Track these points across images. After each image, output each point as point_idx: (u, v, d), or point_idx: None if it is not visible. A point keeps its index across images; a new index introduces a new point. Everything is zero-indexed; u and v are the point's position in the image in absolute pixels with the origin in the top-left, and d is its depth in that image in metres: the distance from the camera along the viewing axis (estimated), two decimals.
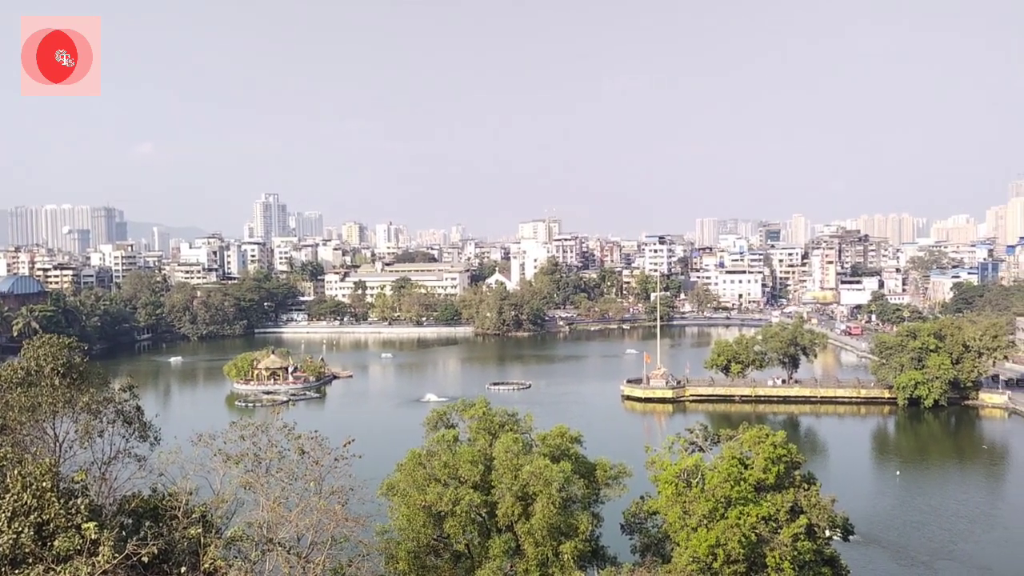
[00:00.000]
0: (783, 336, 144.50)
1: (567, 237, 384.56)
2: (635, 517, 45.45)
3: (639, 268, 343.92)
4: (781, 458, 43.13)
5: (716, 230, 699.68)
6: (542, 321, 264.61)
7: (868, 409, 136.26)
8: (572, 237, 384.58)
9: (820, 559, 41.07)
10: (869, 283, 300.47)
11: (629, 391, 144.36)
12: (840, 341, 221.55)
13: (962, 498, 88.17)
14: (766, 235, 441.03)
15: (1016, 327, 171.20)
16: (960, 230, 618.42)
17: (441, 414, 45.33)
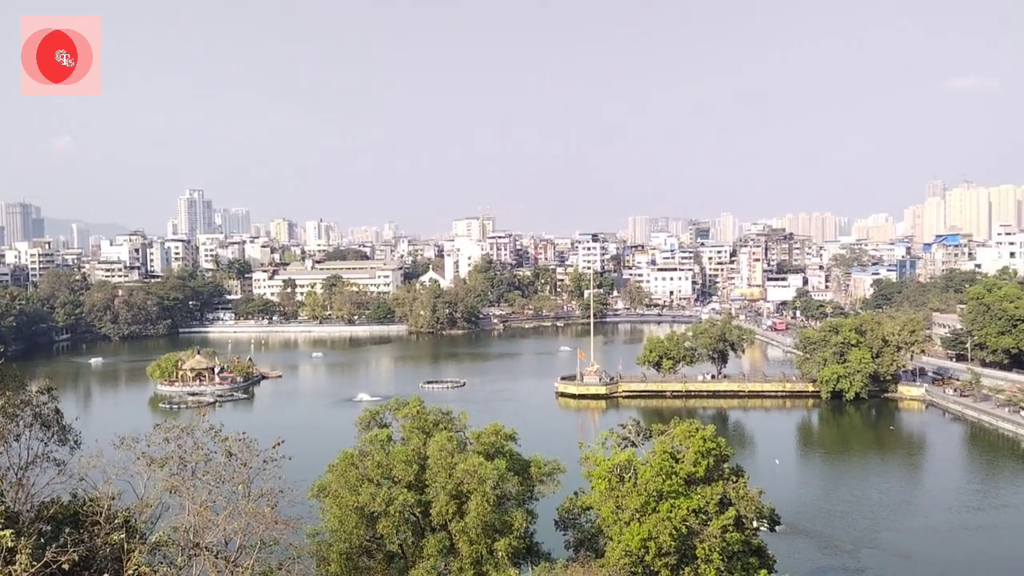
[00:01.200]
0: (712, 332, 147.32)
1: (501, 235, 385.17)
2: (569, 513, 45.72)
3: (573, 266, 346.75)
4: (711, 452, 43.90)
5: (648, 228, 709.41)
6: (476, 319, 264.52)
7: (793, 402, 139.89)
8: (506, 235, 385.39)
9: (748, 549, 41.94)
10: (794, 280, 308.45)
11: (563, 388, 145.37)
12: (767, 337, 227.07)
13: (883, 487, 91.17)
14: (696, 233, 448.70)
15: (932, 322, 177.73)
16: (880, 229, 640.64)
17: (374, 414, 44.85)
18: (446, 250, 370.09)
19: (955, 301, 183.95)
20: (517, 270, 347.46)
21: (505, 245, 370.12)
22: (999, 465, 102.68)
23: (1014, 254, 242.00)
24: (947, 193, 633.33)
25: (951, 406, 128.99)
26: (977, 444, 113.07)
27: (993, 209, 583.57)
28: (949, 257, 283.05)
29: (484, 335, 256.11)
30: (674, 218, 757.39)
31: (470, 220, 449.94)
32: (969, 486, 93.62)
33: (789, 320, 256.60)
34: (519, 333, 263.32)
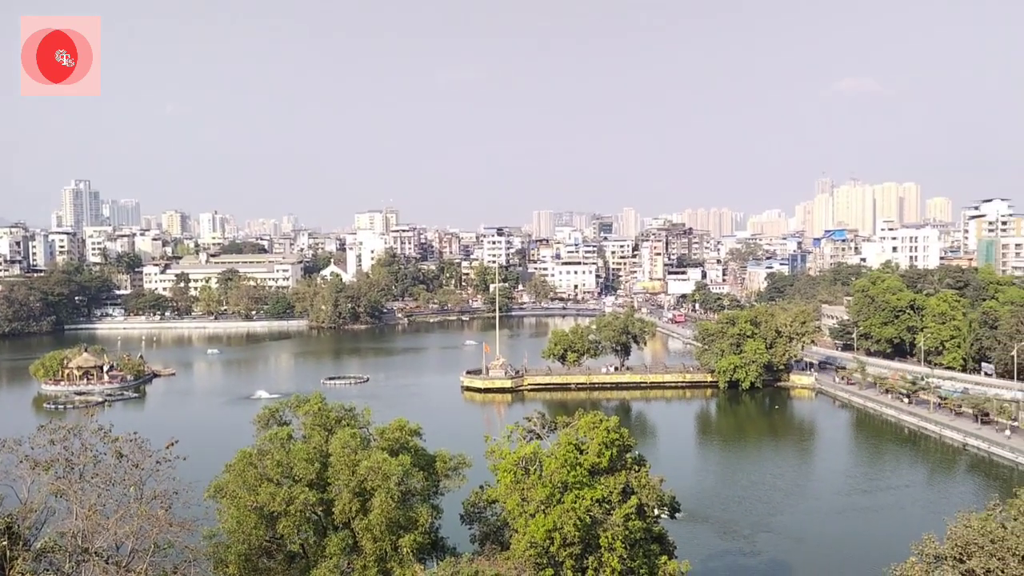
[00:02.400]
0: (615, 325, 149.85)
1: (405, 228, 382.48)
2: (474, 506, 45.58)
3: (478, 259, 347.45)
4: (614, 442, 44.40)
5: (552, 222, 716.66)
6: (380, 313, 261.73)
7: (693, 392, 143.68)
8: (410, 228, 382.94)
9: (649, 537, 42.62)
10: (693, 273, 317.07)
11: (469, 382, 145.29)
12: (667, 329, 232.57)
13: (777, 472, 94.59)
14: (599, 228, 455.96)
15: (821, 314, 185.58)
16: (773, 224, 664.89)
17: (273, 411, 43.73)
18: (348, 244, 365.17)
19: (842, 293, 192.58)
20: (422, 264, 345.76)
21: (409, 239, 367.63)
22: (883, 449, 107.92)
23: (896, 248, 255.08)
24: (835, 190, 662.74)
25: (839, 394, 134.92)
26: (863, 429, 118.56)
27: (877, 205, 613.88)
28: (837, 251, 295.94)
29: (388, 330, 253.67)
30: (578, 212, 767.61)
31: (373, 213, 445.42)
32: (856, 469, 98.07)
33: (688, 313, 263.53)
34: (424, 327, 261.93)
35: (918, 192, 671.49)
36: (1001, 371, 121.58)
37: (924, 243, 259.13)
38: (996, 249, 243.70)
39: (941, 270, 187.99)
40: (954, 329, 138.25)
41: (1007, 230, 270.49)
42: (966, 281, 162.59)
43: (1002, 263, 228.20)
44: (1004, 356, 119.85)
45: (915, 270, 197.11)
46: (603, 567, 39.11)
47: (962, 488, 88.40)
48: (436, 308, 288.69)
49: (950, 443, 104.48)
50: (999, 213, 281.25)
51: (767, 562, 65.27)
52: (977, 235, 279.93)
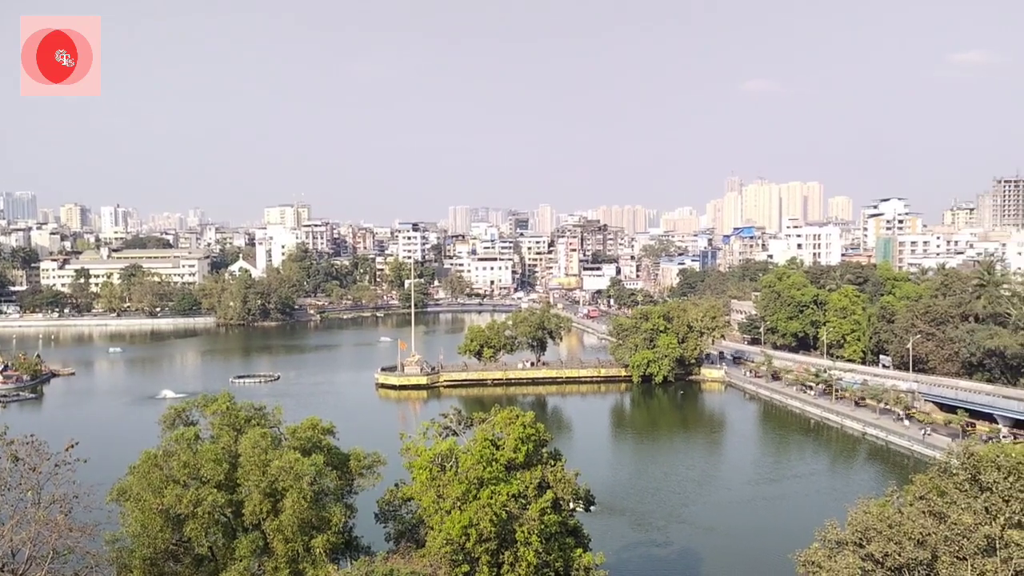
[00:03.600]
0: (532, 321, 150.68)
1: (317, 223, 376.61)
2: (389, 505, 45.14)
3: (393, 255, 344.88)
4: (530, 437, 44.56)
5: (468, 218, 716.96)
6: (291, 310, 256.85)
7: (607, 387, 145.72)
8: (323, 223, 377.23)
9: (565, 530, 42.96)
10: (608, 270, 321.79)
11: (384, 379, 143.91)
12: (583, 324, 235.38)
13: (689, 464, 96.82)
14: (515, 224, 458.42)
15: (731, 309, 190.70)
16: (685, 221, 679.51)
17: (179, 411, 42.57)
18: (258, 238, 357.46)
19: (750, 289, 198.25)
20: (335, 259, 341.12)
21: (322, 234, 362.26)
22: (789, 439, 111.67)
23: (800, 245, 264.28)
24: (744, 189, 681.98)
25: (747, 386, 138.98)
26: (770, 420, 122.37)
27: (783, 204, 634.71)
28: (745, 248, 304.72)
29: (300, 327, 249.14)
30: (495, 208, 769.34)
31: (284, 207, 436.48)
32: (764, 459, 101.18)
33: (603, 308, 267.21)
34: (337, 324, 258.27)
35: (821, 191, 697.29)
36: (897, 363, 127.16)
37: (827, 240, 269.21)
38: (893, 246, 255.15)
39: (842, 266, 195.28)
40: (854, 323, 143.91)
41: (903, 228, 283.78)
42: (865, 277, 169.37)
43: (898, 260, 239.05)
44: (900, 349, 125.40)
45: (818, 266, 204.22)
46: (519, 562, 39.20)
47: (862, 475, 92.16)
48: (350, 304, 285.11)
49: (851, 432, 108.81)
50: (896, 212, 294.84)
51: (679, 552, 66.65)
52: (876, 233, 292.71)
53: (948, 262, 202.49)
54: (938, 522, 37.91)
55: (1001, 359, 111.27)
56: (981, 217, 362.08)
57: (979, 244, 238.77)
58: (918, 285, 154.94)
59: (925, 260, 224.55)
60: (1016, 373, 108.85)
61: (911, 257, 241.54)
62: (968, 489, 39.93)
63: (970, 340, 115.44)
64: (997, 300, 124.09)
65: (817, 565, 37.75)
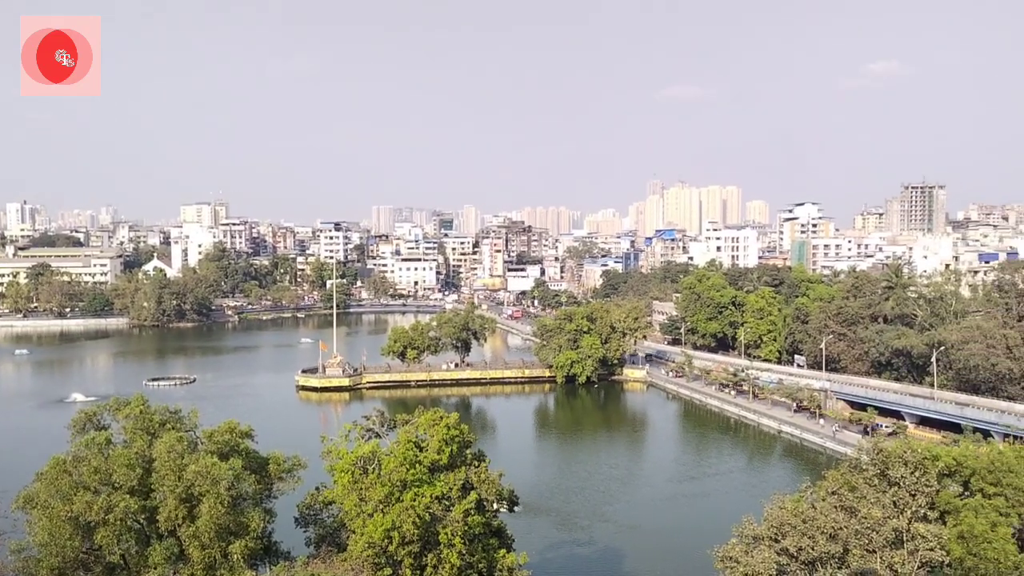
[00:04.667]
0: (456, 322, 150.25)
1: (236, 221, 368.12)
2: (310, 509, 44.36)
3: (314, 255, 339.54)
4: (454, 439, 44.34)
5: (392, 218, 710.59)
6: (208, 311, 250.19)
7: (532, 387, 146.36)
8: (242, 222, 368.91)
9: (489, 531, 42.90)
10: (533, 271, 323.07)
11: (304, 381, 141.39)
12: (507, 325, 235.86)
13: (613, 463, 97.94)
14: (440, 224, 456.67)
15: (653, 310, 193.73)
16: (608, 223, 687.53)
17: (90, 415, 41.18)
18: (173, 237, 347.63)
19: (672, 290, 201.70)
20: (254, 259, 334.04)
21: (240, 233, 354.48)
22: (708, 437, 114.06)
23: (720, 248, 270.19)
24: (665, 192, 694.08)
25: (668, 386, 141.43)
26: (690, 419, 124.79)
27: (704, 207, 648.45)
28: (667, 250, 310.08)
29: (217, 328, 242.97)
30: (419, 209, 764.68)
31: (201, 205, 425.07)
32: (685, 457, 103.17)
33: (526, 309, 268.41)
34: (256, 325, 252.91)
35: (739, 195, 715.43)
36: (811, 363, 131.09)
37: (744, 243, 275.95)
38: (807, 249, 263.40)
39: (759, 269, 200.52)
40: (770, 324, 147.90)
41: (817, 232, 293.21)
42: (781, 279, 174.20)
43: (812, 262, 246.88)
44: (814, 349, 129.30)
45: (737, 269, 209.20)
46: (442, 563, 38.98)
47: (778, 472, 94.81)
48: (269, 305, 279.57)
49: (767, 430, 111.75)
50: (810, 216, 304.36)
51: (602, 550, 67.33)
52: (791, 236, 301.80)
53: (859, 265, 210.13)
54: (849, 516, 39.23)
55: (908, 358, 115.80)
56: (890, 222, 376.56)
57: (888, 248, 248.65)
58: (831, 287, 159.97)
59: (837, 263, 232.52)
60: (922, 372, 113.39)
61: (824, 260, 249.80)
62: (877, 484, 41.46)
63: (879, 340, 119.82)
64: (904, 302, 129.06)
65: (735, 560, 38.59)
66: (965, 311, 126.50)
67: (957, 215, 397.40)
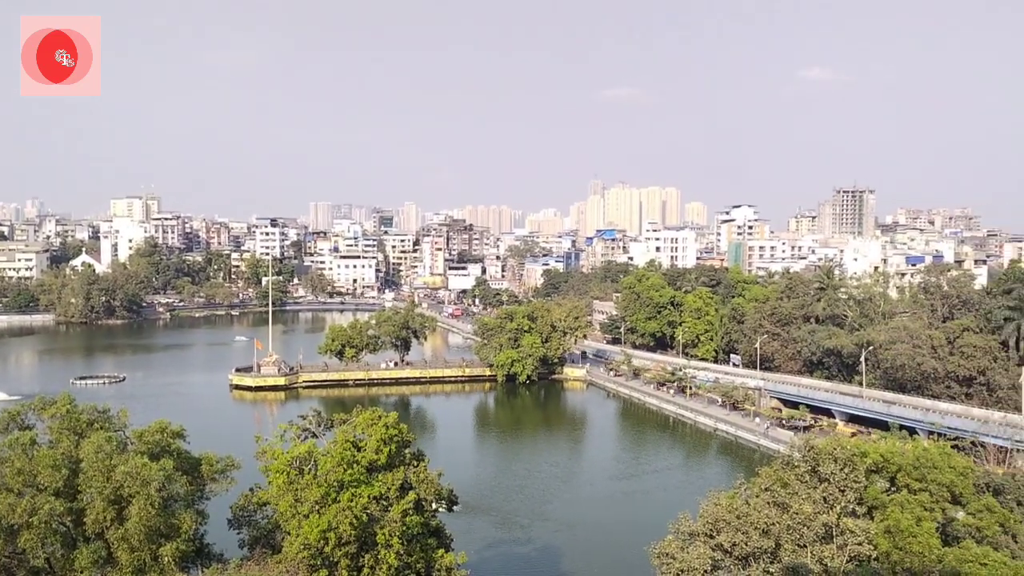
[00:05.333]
0: (396, 320, 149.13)
1: (168, 216, 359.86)
2: (244, 510, 43.60)
3: (250, 251, 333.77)
4: (393, 438, 43.96)
5: (331, 215, 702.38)
6: (139, 307, 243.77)
7: (472, 386, 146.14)
8: (174, 216, 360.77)
9: (427, 531, 42.65)
10: (474, 269, 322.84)
11: (239, 380, 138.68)
12: (448, 324, 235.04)
13: (553, 461, 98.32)
14: (380, 221, 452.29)
15: (593, 309, 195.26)
16: (549, 222, 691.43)
17: (14, 415, 40.06)
18: (103, 232, 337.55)
19: (612, 290, 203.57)
20: (187, 255, 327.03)
21: (173, 228, 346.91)
22: (647, 435, 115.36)
23: (659, 248, 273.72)
24: (606, 192, 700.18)
25: (608, 385, 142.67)
26: (629, 417, 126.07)
27: (644, 208, 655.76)
28: (607, 250, 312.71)
29: (148, 325, 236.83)
30: (358, 205, 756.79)
31: (132, 199, 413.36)
32: (624, 455, 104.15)
33: (466, 307, 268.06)
34: (189, 323, 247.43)
35: (678, 197, 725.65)
36: (747, 362, 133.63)
37: (683, 244, 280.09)
38: (743, 251, 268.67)
39: (697, 269, 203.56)
40: (708, 324, 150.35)
41: (753, 234, 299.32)
42: (718, 280, 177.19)
43: (748, 263, 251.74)
44: (749, 348, 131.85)
45: (675, 269, 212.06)
46: (379, 564, 38.67)
47: (714, 469, 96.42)
48: (203, 302, 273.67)
49: (704, 428, 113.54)
50: (746, 218, 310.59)
51: (541, 549, 67.54)
52: (728, 238, 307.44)
53: (792, 266, 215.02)
54: (781, 512, 40.04)
55: (838, 358, 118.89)
56: (822, 224, 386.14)
57: (820, 250, 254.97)
58: (765, 288, 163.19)
59: (772, 264, 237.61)
60: (851, 371, 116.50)
61: (760, 261, 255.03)
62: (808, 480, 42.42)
63: (811, 340, 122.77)
64: (835, 303, 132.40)
65: (671, 556, 39.10)
66: (892, 312, 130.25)
67: (886, 219, 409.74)
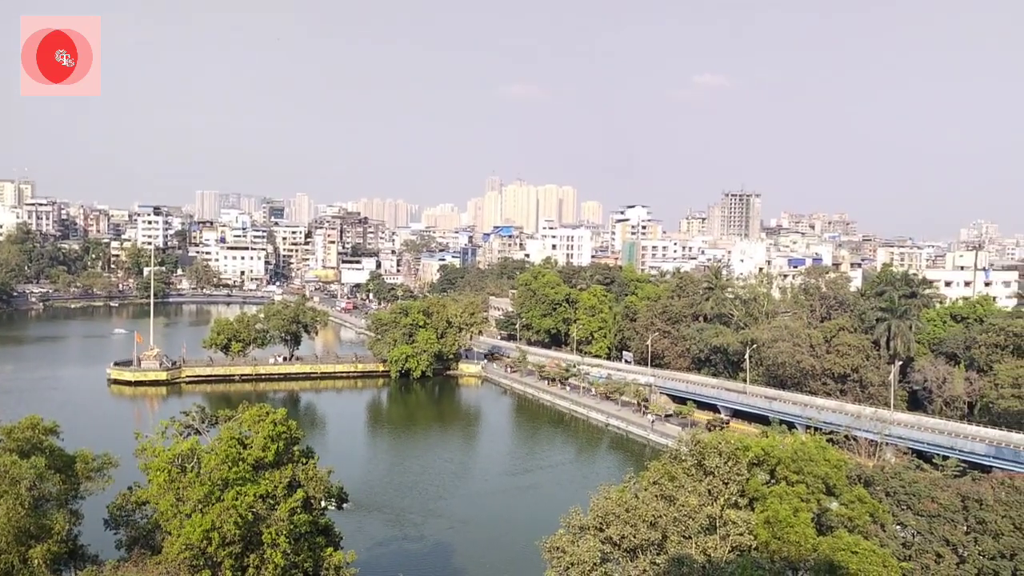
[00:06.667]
0: (285, 314, 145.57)
1: (43, 201, 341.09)
2: (121, 510, 41.64)
3: (131, 240, 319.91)
4: (280, 435, 42.83)
5: (218, 204, 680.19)
6: (9, 297, 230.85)
7: (364, 382, 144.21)
8: (49, 202, 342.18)
9: (315, 529, 41.76)
10: (368, 263, 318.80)
11: (117, 374, 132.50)
12: (340, 318, 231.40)
13: (447, 457, 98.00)
14: (270, 212, 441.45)
15: (489, 305, 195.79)
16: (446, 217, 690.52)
17: None
18: None
19: (508, 286, 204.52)
20: (63, 243, 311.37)
21: (48, 214, 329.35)
22: (541, 431, 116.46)
23: (555, 246, 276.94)
24: (504, 189, 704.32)
25: (503, 381, 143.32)
26: (524, 413, 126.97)
27: (540, 205, 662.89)
28: (504, 247, 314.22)
29: (19, 316, 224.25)
30: (247, 195, 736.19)
31: (3, 183, 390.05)
32: (518, 450, 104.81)
33: (359, 302, 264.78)
34: (64, 314, 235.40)
35: (575, 195, 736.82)
36: (639, 359, 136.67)
37: (579, 242, 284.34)
38: (637, 250, 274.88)
39: (592, 267, 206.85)
40: (601, 321, 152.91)
41: (646, 234, 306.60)
42: (612, 278, 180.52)
43: (641, 262, 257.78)
44: (640, 345, 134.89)
45: (571, 267, 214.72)
46: (265, 564, 37.57)
47: (606, 463, 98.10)
48: (79, 292, 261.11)
49: (596, 423, 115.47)
50: (640, 218, 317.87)
51: (433, 546, 67.14)
52: (622, 237, 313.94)
53: (683, 266, 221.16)
54: (668, 505, 40.95)
55: (724, 355, 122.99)
56: (712, 226, 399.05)
57: (709, 251, 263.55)
58: (657, 287, 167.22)
59: (664, 264, 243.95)
60: (736, 368, 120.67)
61: (652, 260, 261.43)
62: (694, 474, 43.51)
63: (699, 338, 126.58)
64: (722, 302, 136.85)
65: (561, 550, 39.45)
66: (775, 312, 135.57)
67: (771, 222, 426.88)
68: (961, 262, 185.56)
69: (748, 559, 37.66)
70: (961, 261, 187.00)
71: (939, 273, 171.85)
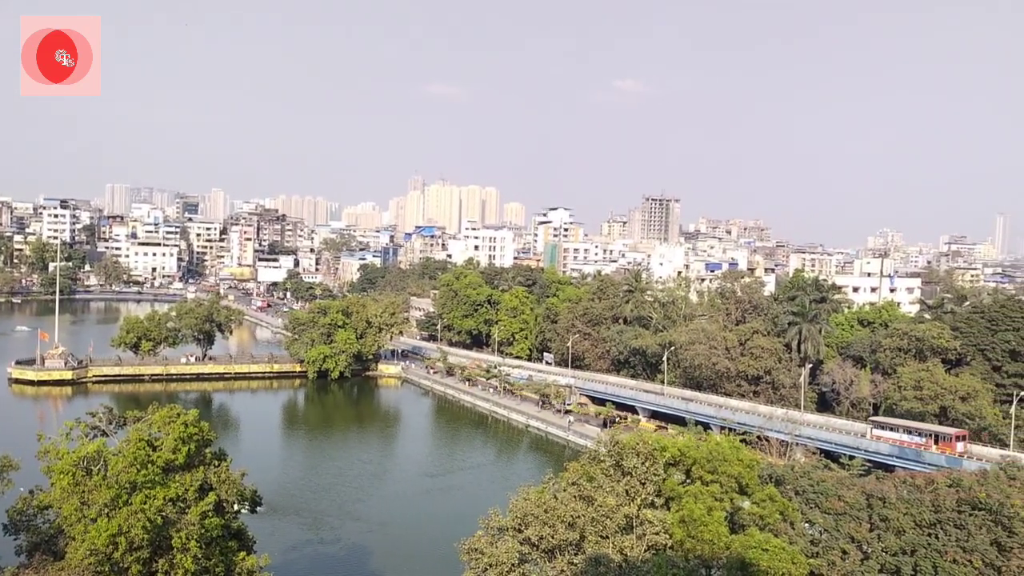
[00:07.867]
0: (199, 312, 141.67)
1: None
2: (22, 514, 39.85)
3: (36, 234, 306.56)
4: (192, 437, 41.56)
5: (129, 198, 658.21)
6: None
7: (280, 383, 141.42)
8: None
9: (228, 533, 40.68)
10: (286, 261, 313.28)
11: (19, 374, 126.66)
12: (256, 317, 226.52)
13: (365, 459, 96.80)
14: (184, 207, 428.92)
15: (411, 305, 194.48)
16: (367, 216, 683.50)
17: None
18: None
19: (430, 287, 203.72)
20: None
21: None
22: (461, 432, 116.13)
23: (478, 247, 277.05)
24: (426, 188, 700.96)
25: (423, 382, 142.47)
26: (444, 414, 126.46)
27: (463, 206, 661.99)
28: (426, 246, 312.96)
29: None
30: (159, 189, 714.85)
31: None
32: (438, 451, 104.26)
33: (276, 300, 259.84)
34: None
35: (498, 196, 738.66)
36: (559, 360, 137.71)
37: (501, 243, 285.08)
38: (559, 252, 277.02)
39: (514, 269, 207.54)
40: (523, 322, 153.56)
41: (568, 236, 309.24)
42: (534, 280, 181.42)
43: (563, 264, 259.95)
44: (561, 347, 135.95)
45: (493, 268, 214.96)
46: (175, 569, 36.37)
47: (526, 464, 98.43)
48: None
49: (516, 425, 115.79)
50: (562, 221, 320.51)
51: (349, 549, 66.17)
52: (545, 239, 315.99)
53: (604, 269, 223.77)
54: (587, 505, 41.29)
55: (643, 357, 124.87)
56: (632, 230, 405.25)
57: (630, 254, 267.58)
58: (579, 289, 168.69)
59: (585, 266, 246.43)
60: (655, 369, 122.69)
61: (574, 263, 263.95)
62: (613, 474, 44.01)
63: (619, 340, 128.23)
64: (642, 305, 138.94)
65: (480, 552, 39.38)
66: (692, 315, 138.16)
67: (689, 227, 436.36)
68: (868, 269, 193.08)
69: (663, 558, 38.24)
70: (868, 268, 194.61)
71: (848, 279, 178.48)
